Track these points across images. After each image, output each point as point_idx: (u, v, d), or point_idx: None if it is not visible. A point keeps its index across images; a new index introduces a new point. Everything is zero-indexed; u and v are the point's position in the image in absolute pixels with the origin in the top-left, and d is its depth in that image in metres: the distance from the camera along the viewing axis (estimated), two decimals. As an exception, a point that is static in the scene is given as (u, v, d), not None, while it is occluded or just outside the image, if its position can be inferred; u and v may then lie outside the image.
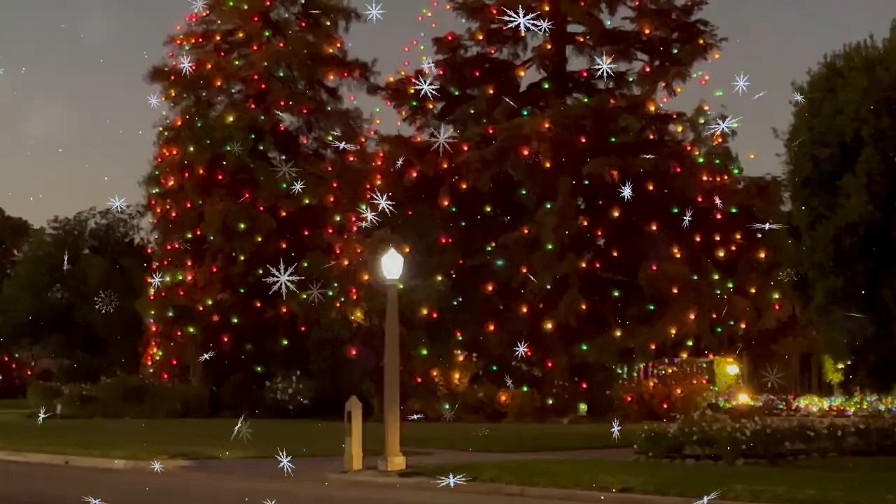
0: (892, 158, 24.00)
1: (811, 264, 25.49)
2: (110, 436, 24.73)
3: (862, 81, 24.23)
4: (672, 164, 35.81)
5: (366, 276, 34.54)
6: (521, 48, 39.12)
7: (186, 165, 38.71)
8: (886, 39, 25.56)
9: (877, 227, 24.09)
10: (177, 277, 38.89)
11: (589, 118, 36.25)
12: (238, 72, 40.15)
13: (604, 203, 36.31)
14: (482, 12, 38.11)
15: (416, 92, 38.27)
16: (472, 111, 38.47)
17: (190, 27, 40.69)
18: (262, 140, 39.29)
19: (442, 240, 36.71)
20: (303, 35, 40.69)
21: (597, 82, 39.22)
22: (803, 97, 25.87)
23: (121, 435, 25.02)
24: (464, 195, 36.71)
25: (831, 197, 24.52)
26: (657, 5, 37.70)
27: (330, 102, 41.59)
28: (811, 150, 24.98)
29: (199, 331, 38.11)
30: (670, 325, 34.99)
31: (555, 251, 35.04)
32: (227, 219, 38.03)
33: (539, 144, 35.25)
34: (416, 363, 35.01)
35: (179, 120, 39.86)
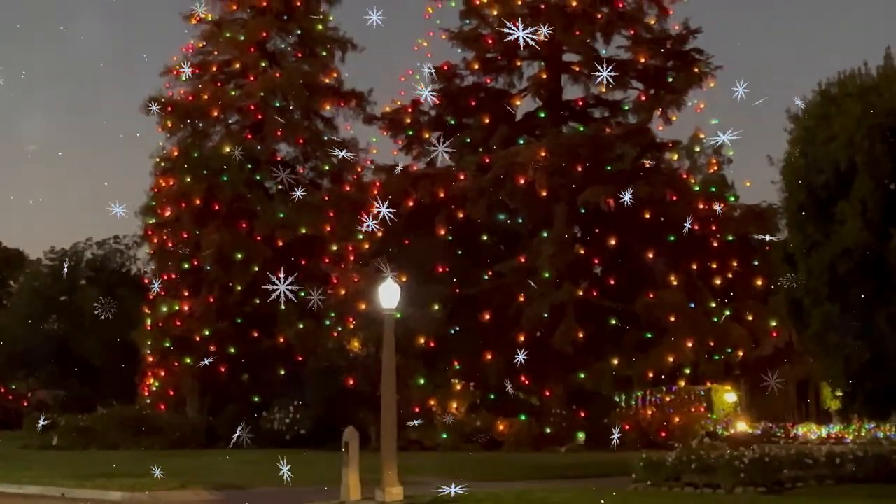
0: (886, 185, 24.05)
1: (807, 291, 25.50)
2: (106, 467, 24.64)
3: (856, 109, 24.32)
4: (668, 192, 35.86)
5: (363, 306, 34.53)
6: (516, 77, 39.36)
7: (183, 195, 38.78)
8: (880, 67, 25.67)
9: (872, 253, 24.10)
10: (173, 308, 38.89)
11: (585, 146, 36.32)
12: (234, 102, 40.28)
13: (600, 231, 36.33)
14: (478, 42, 38.32)
15: (412, 121, 38.44)
16: (469, 140, 38.55)
17: (186, 58, 40.86)
18: (258, 170, 39.38)
19: (439, 269, 36.70)
20: (299, 65, 40.88)
21: (592, 110, 39.41)
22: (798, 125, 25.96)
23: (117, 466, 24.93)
24: (460, 224, 36.75)
25: (826, 224, 24.56)
26: (652, 34, 37.92)
27: (326, 132, 41.73)
28: (806, 177, 25.05)
29: (195, 361, 38.08)
30: (668, 352, 34.94)
31: (551, 279, 35.04)
32: (224, 248, 38.06)
33: (535, 173, 35.30)
34: (413, 392, 34.97)
35: (176, 150, 39.96)
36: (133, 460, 27.62)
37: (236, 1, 41.11)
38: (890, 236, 23.40)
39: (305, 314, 37.67)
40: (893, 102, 23.83)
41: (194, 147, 39.54)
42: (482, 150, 37.78)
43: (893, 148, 23.69)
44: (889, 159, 23.73)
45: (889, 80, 25.05)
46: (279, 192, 40.38)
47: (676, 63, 37.84)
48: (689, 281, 35.64)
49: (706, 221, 36.22)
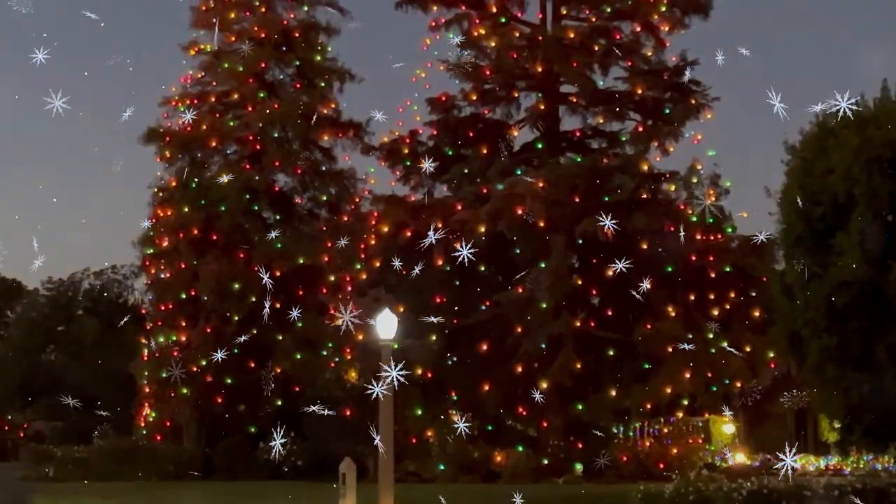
0: (884, 217, 24.11)
1: (805, 323, 25.51)
2: (100, 499, 24.54)
3: (853, 141, 24.39)
4: (666, 222, 35.87)
5: (360, 336, 34.46)
6: (514, 108, 39.47)
7: (181, 226, 38.77)
8: (877, 99, 25.79)
9: (870, 285, 24.13)
10: (170, 338, 38.83)
11: (582, 177, 36.35)
12: (233, 132, 40.36)
13: (598, 262, 36.31)
14: (476, 73, 38.44)
15: (410, 152, 38.51)
16: (466, 171, 38.59)
17: (185, 88, 40.96)
18: (256, 200, 39.40)
19: (436, 299, 36.67)
20: (297, 96, 40.96)
21: (590, 141, 39.51)
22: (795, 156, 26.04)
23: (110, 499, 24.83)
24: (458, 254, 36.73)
25: (824, 256, 24.60)
26: (649, 66, 38.06)
27: (324, 162, 41.78)
28: (804, 208, 25.10)
29: (192, 392, 37.99)
30: (665, 384, 34.85)
31: (549, 310, 35.01)
32: (222, 279, 38.03)
33: (533, 203, 35.31)
34: (410, 423, 34.86)
35: (174, 180, 39.99)
36: (128, 492, 27.51)
37: (235, 32, 41.26)
38: (888, 268, 23.43)
39: (302, 345, 37.62)
40: (891, 134, 23.92)
41: (192, 177, 39.58)
42: (480, 180, 37.81)
43: (891, 180, 23.76)
44: (887, 191, 23.80)
45: (886, 112, 25.15)
46: (277, 222, 40.39)
47: (673, 94, 37.96)
48: (687, 312, 35.60)
49: (704, 252, 36.21)
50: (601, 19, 38.31)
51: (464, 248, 31.12)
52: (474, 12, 38.97)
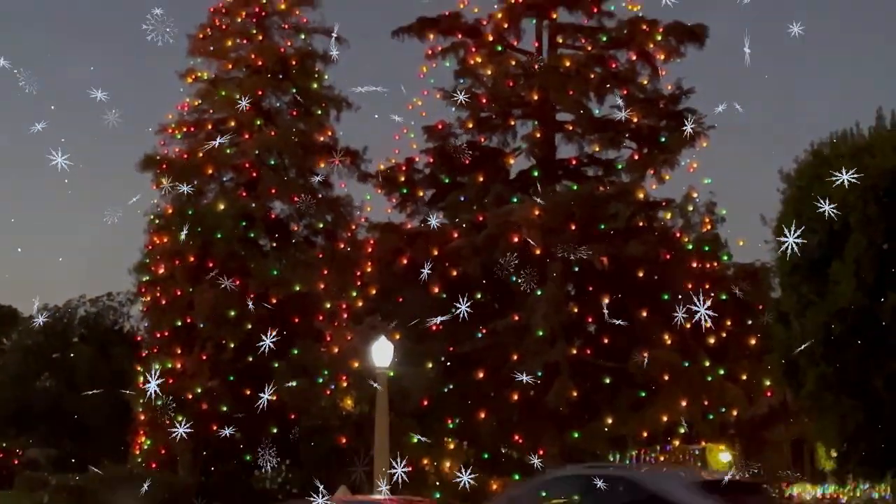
0: (879, 245, 24.20)
1: (801, 351, 25.53)
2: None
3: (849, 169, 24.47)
4: (662, 250, 35.93)
5: (356, 364, 34.41)
6: (510, 136, 39.60)
7: (177, 253, 38.71)
8: (872, 128, 25.93)
9: (866, 313, 24.19)
10: (166, 365, 38.70)
11: (578, 205, 36.45)
12: (229, 160, 40.34)
13: (594, 290, 36.33)
14: (472, 101, 38.57)
15: (406, 179, 38.59)
16: (463, 198, 38.67)
17: (182, 116, 41.00)
18: (252, 227, 39.38)
19: (432, 327, 36.67)
20: (294, 124, 41.00)
21: (586, 169, 39.61)
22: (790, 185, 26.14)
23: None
24: (454, 282, 36.73)
25: (820, 284, 24.66)
26: (645, 94, 38.23)
27: (321, 190, 41.78)
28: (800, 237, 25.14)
29: (187, 419, 37.83)
30: (662, 412, 34.85)
31: (545, 338, 35.00)
32: (217, 306, 37.95)
33: (529, 231, 35.37)
34: (406, 451, 34.75)
35: (170, 208, 39.94)
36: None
37: (232, 60, 41.33)
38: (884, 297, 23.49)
39: (298, 372, 37.52)
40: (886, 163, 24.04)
41: (188, 205, 39.54)
42: (476, 208, 37.89)
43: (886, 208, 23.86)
44: (882, 220, 23.89)
45: (881, 140, 25.28)
46: (273, 249, 40.34)
47: (669, 123, 38.10)
48: (683, 340, 35.60)
49: (700, 280, 36.24)
50: (597, 48, 38.51)
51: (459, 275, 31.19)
52: (470, 41, 39.19)
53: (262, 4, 41.28)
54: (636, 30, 38.24)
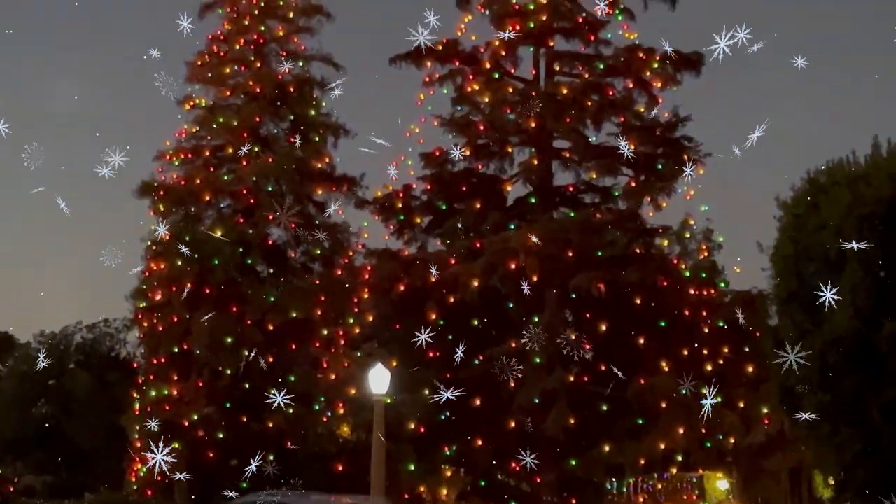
0: (876, 273, 24.22)
1: (798, 379, 25.51)
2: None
3: (845, 197, 24.56)
4: (659, 277, 35.95)
5: (353, 391, 34.34)
6: (507, 163, 39.67)
7: (174, 279, 38.67)
8: (868, 156, 25.99)
9: (863, 341, 24.18)
10: (162, 392, 38.62)
11: (575, 232, 36.48)
12: (227, 186, 40.36)
13: (591, 316, 36.33)
14: (469, 128, 38.66)
15: (403, 206, 38.63)
16: (460, 225, 38.71)
17: (179, 143, 41.05)
18: (249, 254, 39.37)
19: (429, 353, 36.65)
20: (291, 150, 41.03)
21: (583, 196, 39.66)
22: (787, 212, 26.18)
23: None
24: (451, 308, 36.75)
25: (817, 312, 24.65)
26: (641, 122, 38.33)
27: (318, 216, 41.78)
28: (796, 264, 25.20)
29: (183, 446, 37.72)
30: (659, 439, 34.79)
31: (543, 365, 34.97)
32: (214, 333, 37.90)
33: (526, 258, 35.41)
34: (402, 478, 34.68)
35: (168, 234, 39.93)
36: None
37: (230, 87, 41.41)
38: (881, 325, 23.49)
39: (295, 399, 37.43)
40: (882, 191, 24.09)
41: (186, 231, 39.54)
42: (473, 234, 37.93)
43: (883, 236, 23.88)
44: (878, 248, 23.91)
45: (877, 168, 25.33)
46: (270, 275, 40.31)
47: (666, 150, 38.18)
48: (680, 367, 35.56)
49: (697, 307, 36.27)
50: (594, 75, 38.64)
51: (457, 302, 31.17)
52: (468, 68, 39.31)
53: (261, 32, 41.40)
54: (633, 58, 38.40)
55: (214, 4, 41.42)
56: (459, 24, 40.14)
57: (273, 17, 41.87)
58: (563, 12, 39.01)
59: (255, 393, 36.71)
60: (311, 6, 42.15)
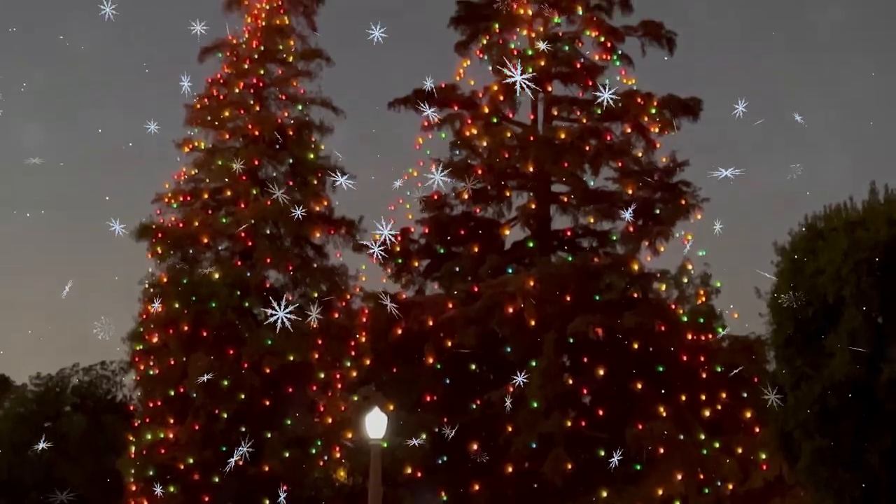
0: (874, 319, 24.22)
1: (797, 424, 25.46)
2: None
3: (843, 242, 24.61)
4: (657, 322, 35.94)
5: (350, 435, 34.23)
6: (505, 207, 39.76)
7: (171, 322, 38.64)
8: (866, 201, 26.07)
9: (862, 387, 24.15)
10: (158, 435, 38.46)
11: (573, 276, 36.51)
12: (225, 229, 40.42)
13: (589, 361, 36.27)
14: (468, 172, 38.75)
15: (401, 249, 38.67)
16: (458, 268, 38.73)
17: (178, 185, 41.14)
18: (247, 297, 39.35)
19: (426, 397, 36.55)
20: (290, 193, 41.13)
21: (581, 240, 39.74)
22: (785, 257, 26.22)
23: None
24: (449, 352, 36.70)
25: (815, 357, 24.65)
26: (640, 166, 38.47)
27: (316, 259, 41.81)
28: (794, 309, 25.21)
29: (179, 490, 37.54)
30: (657, 485, 34.65)
31: (540, 409, 34.88)
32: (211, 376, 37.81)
33: (524, 302, 35.40)
34: (400, 523, 34.53)
35: (165, 276, 39.95)
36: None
37: (229, 129, 41.56)
38: (879, 370, 23.47)
39: (291, 443, 37.31)
40: (879, 236, 24.14)
41: (183, 274, 39.55)
42: (471, 278, 37.95)
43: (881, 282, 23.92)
44: (877, 293, 23.94)
45: (875, 213, 25.40)
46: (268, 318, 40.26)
47: (664, 195, 38.29)
48: (678, 412, 35.51)
49: (695, 352, 36.23)
50: (592, 120, 38.83)
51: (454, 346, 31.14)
52: (467, 112, 39.50)
53: (261, 75, 41.62)
54: (631, 103, 38.58)
55: (214, 48, 41.67)
56: (458, 68, 40.44)
57: (273, 60, 42.10)
58: (562, 58, 39.24)
59: (251, 437, 36.61)
60: (311, 50, 42.44)
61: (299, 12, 43.10)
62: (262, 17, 42.26)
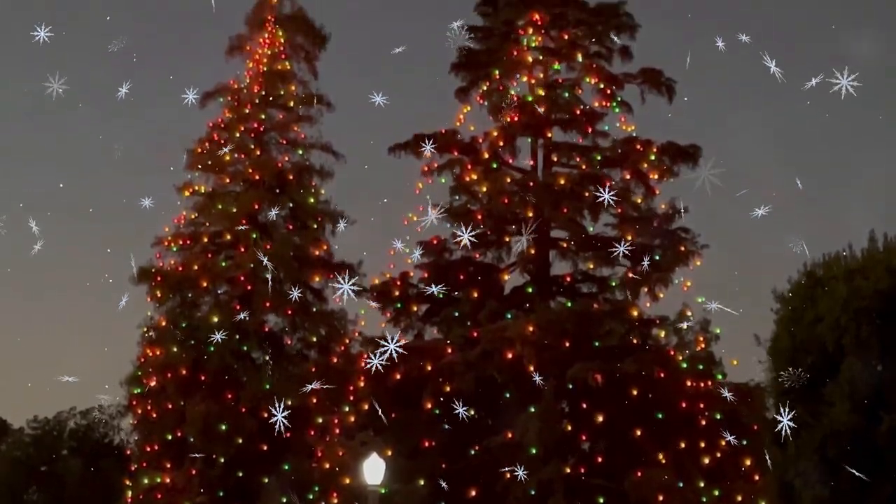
0: (873, 367, 24.23)
1: (797, 473, 25.38)
2: None
3: (842, 291, 24.65)
4: (656, 369, 35.81)
5: (347, 480, 34.07)
6: (505, 252, 39.70)
7: (169, 366, 38.63)
8: (864, 249, 26.12)
9: (861, 435, 24.10)
10: (155, 480, 38.35)
11: (572, 322, 36.39)
12: (224, 273, 40.48)
13: (588, 407, 36.11)
14: (467, 217, 38.75)
15: (401, 294, 38.58)
16: (457, 313, 38.65)
17: (178, 229, 41.24)
18: (246, 341, 39.36)
19: (425, 443, 36.37)
20: (290, 237, 41.23)
21: (580, 286, 39.63)
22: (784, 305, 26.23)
23: None
24: (447, 398, 36.54)
25: (815, 405, 24.61)
26: (639, 213, 38.47)
27: (315, 303, 41.83)
28: (793, 357, 25.20)
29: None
30: (657, 533, 34.39)
31: (539, 456, 34.69)
32: (209, 420, 37.74)
33: (523, 348, 35.27)
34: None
35: (164, 320, 39.98)
36: None
37: (229, 174, 41.75)
38: (880, 419, 23.44)
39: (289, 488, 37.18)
40: (879, 285, 24.19)
41: (182, 317, 39.59)
42: (470, 323, 37.84)
43: (880, 330, 23.93)
44: (876, 341, 23.95)
45: (874, 262, 25.46)
46: (266, 362, 40.26)
47: (663, 241, 38.25)
48: (678, 459, 35.29)
49: (694, 399, 36.07)
50: (591, 166, 38.84)
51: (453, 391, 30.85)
52: (467, 158, 39.53)
53: (261, 120, 41.91)
54: (630, 149, 38.65)
55: (216, 93, 42.00)
56: (458, 114, 40.51)
57: (274, 105, 42.42)
58: (562, 104, 39.37)
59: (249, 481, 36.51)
60: (312, 96, 42.77)
61: (300, 58, 43.52)
62: (263, 63, 42.62)
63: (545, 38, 40.68)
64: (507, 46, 40.20)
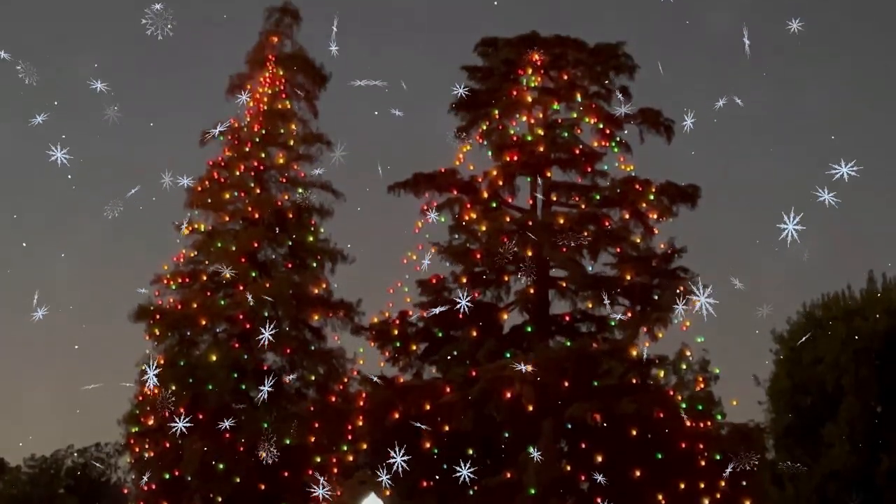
0: (873, 407, 24.21)
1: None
2: None
3: (841, 331, 24.66)
4: (655, 409, 35.73)
5: (345, 519, 33.90)
6: (503, 291, 39.69)
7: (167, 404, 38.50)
8: (864, 290, 26.15)
9: (861, 475, 24.05)
10: (152, 519, 38.21)
11: (571, 361, 36.37)
12: (223, 311, 40.45)
13: (587, 447, 36.02)
14: (466, 256, 38.79)
15: (399, 333, 38.53)
16: (456, 352, 38.59)
17: (177, 267, 41.25)
18: (244, 379, 39.29)
19: (423, 483, 36.22)
20: (289, 276, 41.23)
21: (579, 325, 39.60)
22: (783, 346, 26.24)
23: None
24: (446, 437, 36.43)
25: (814, 446, 24.56)
26: (638, 252, 38.51)
27: (314, 342, 41.79)
28: (793, 398, 25.18)
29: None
30: (656, 574, 34.24)
31: (538, 496, 34.57)
32: (207, 459, 37.61)
33: (522, 387, 35.21)
34: None
35: (162, 358, 39.91)
36: None
37: (229, 212, 41.80)
38: (879, 460, 23.39)
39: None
40: (878, 326, 24.21)
41: (181, 356, 39.54)
42: (469, 362, 37.78)
43: (880, 371, 23.95)
44: (876, 382, 23.96)
45: (873, 302, 25.50)
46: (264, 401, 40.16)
47: (662, 281, 38.27)
48: (677, 500, 35.17)
49: (693, 439, 35.97)
50: (590, 206, 38.94)
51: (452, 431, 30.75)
52: (466, 197, 39.63)
53: (262, 159, 42.03)
54: (629, 189, 38.76)
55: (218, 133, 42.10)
56: (458, 153, 40.64)
57: (274, 144, 42.57)
58: (561, 144, 39.51)
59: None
60: (312, 134, 42.95)
61: (301, 97, 43.71)
62: (264, 102, 42.80)
63: (545, 78, 40.96)
64: (507, 86, 40.40)
